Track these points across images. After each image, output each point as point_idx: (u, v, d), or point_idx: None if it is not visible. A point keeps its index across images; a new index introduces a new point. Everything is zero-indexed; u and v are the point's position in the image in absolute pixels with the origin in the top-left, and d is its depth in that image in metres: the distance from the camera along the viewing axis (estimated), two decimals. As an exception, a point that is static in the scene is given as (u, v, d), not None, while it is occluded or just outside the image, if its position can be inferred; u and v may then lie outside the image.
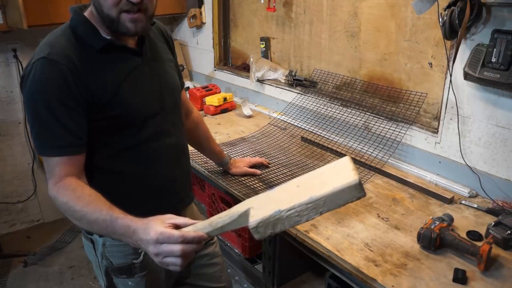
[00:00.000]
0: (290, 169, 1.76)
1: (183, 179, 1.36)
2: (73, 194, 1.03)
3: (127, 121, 1.14)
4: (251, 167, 1.71)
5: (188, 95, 2.60)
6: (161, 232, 0.88)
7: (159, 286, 1.33)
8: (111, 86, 1.09)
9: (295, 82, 2.28)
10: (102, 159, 1.15)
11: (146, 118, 1.18)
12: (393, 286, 1.11)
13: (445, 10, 1.44)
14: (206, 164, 1.77)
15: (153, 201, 1.24)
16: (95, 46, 1.09)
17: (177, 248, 0.87)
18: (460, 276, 1.12)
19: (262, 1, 2.37)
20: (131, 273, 1.25)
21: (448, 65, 1.54)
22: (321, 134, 2.03)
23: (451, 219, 1.34)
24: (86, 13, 1.12)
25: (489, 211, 1.45)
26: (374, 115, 1.88)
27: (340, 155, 1.86)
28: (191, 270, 1.44)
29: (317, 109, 2.13)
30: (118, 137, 1.14)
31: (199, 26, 2.90)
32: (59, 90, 1.03)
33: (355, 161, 1.80)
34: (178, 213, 1.27)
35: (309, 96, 2.20)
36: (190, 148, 1.46)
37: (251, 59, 2.48)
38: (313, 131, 2.10)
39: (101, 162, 1.15)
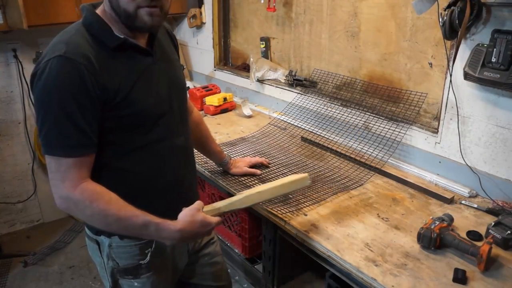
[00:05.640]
0: (290, 169, 1.76)
1: (191, 178, 1.37)
2: (102, 199, 1.06)
3: (138, 120, 1.14)
4: (251, 167, 1.71)
5: (188, 95, 2.60)
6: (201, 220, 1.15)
7: (164, 286, 1.33)
8: (125, 85, 1.09)
9: (295, 82, 2.28)
10: (112, 159, 1.15)
11: (157, 118, 1.18)
12: (393, 286, 1.11)
13: (445, 10, 1.44)
14: (206, 164, 1.77)
15: (162, 201, 1.25)
16: (109, 44, 1.08)
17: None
18: (460, 276, 1.12)
19: (262, 1, 2.37)
20: (138, 273, 1.25)
21: (448, 65, 1.54)
22: (321, 134, 2.03)
23: (451, 219, 1.34)
24: (98, 11, 1.11)
25: (489, 211, 1.45)
26: (374, 115, 1.88)
27: (340, 155, 1.86)
28: (194, 269, 1.45)
29: (317, 109, 2.13)
30: (128, 137, 1.14)
31: (199, 26, 2.90)
32: (75, 89, 1.01)
33: (355, 161, 1.80)
34: None
35: (309, 96, 2.20)
36: (190, 148, 1.46)
37: (251, 59, 2.48)
38: (313, 131, 2.10)
39: (111, 161, 1.15)
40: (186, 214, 1.15)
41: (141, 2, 1.04)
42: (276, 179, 1.66)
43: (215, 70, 2.91)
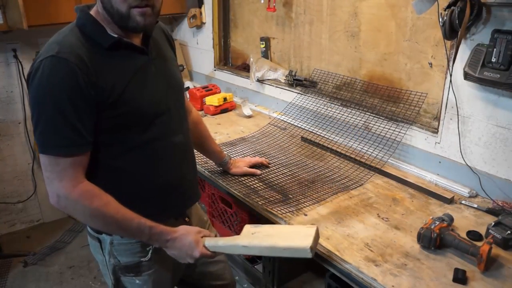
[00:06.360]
0: (290, 169, 1.76)
1: (191, 177, 1.37)
2: (100, 200, 1.09)
3: (134, 119, 1.14)
4: (251, 167, 1.72)
5: (188, 95, 2.60)
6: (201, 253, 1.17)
7: (165, 285, 1.34)
8: (119, 84, 1.09)
9: (295, 82, 2.28)
10: (110, 158, 1.15)
11: (153, 117, 1.18)
12: (393, 286, 1.11)
13: (445, 10, 1.43)
14: (206, 164, 1.77)
15: (161, 200, 1.25)
16: (103, 44, 1.09)
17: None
18: (460, 276, 1.12)
19: (262, 1, 2.37)
20: (139, 271, 1.26)
21: (448, 65, 1.54)
22: (321, 134, 2.03)
23: (451, 219, 1.34)
24: (91, 12, 1.12)
25: (489, 211, 1.45)
26: (374, 115, 1.88)
27: (340, 155, 1.86)
28: (195, 268, 1.45)
29: (317, 109, 2.13)
30: (125, 136, 1.14)
31: (199, 26, 2.90)
32: (69, 89, 1.02)
33: (355, 161, 1.80)
34: (185, 210, 1.35)
35: (309, 96, 2.20)
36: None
37: (251, 59, 2.48)
38: (313, 131, 2.10)
39: (108, 161, 1.15)
40: (184, 227, 1.20)
41: (133, 2, 1.05)
42: (276, 179, 1.67)
43: (215, 70, 2.91)
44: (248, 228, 1.20)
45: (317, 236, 1.11)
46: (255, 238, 1.15)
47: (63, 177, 1.06)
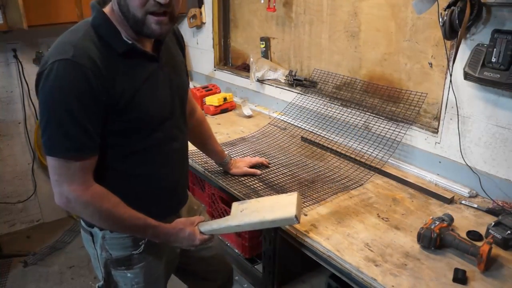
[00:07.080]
0: (290, 169, 1.76)
1: (184, 181, 1.40)
2: (110, 202, 1.11)
3: (140, 125, 1.15)
4: (251, 167, 1.72)
5: (189, 96, 2.60)
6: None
7: (157, 277, 1.35)
8: (129, 91, 1.09)
9: (295, 82, 2.28)
10: (113, 161, 1.15)
11: (158, 123, 1.19)
12: (393, 286, 1.11)
13: (445, 10, 1.44)
14: (206, 164, 1.77)
15: (158, 202, 1.27)
16: (117, 49, 1.07)
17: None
18: (460, 276, 1.12)
19: (262, 1, 2.37)
20: (130, 264, 1.27)
21: (448, 65, 1.54)
22: (321, 134, 2.03)
23: (451, 219, 1.34)
24: (106, 10, 1.10)
25: (489, 211, 1.45)
26: (374, 115, 1.88)
27: (340, 155, 1.86)
28: (192, 256, 1.47)
29: (317, 109, 2.13)
30: (129, 140, 1.15)
31: (199, 26, 2.90)
32: (82, 94, 1.01)
33: (355, 161, 1.80)
34: (178, 212, 1.37)
35: (309, 96, 2.20)
36: (191, 147, 1.48)
37: (251, 59, 2.48)
38: (313, 131, 2.10)
39: (112, 163, 1.15)
40: (180, 222, 1.25)
41: (150, 8, 1.02)
42: (276, 179, 1.67)
43: (215, 70, 2.91)
44: (236, 206, 1.28)
45: (299, 202, 1.19)
46: (245, 216, 1.23)
47: (73, 181, 1.06)
